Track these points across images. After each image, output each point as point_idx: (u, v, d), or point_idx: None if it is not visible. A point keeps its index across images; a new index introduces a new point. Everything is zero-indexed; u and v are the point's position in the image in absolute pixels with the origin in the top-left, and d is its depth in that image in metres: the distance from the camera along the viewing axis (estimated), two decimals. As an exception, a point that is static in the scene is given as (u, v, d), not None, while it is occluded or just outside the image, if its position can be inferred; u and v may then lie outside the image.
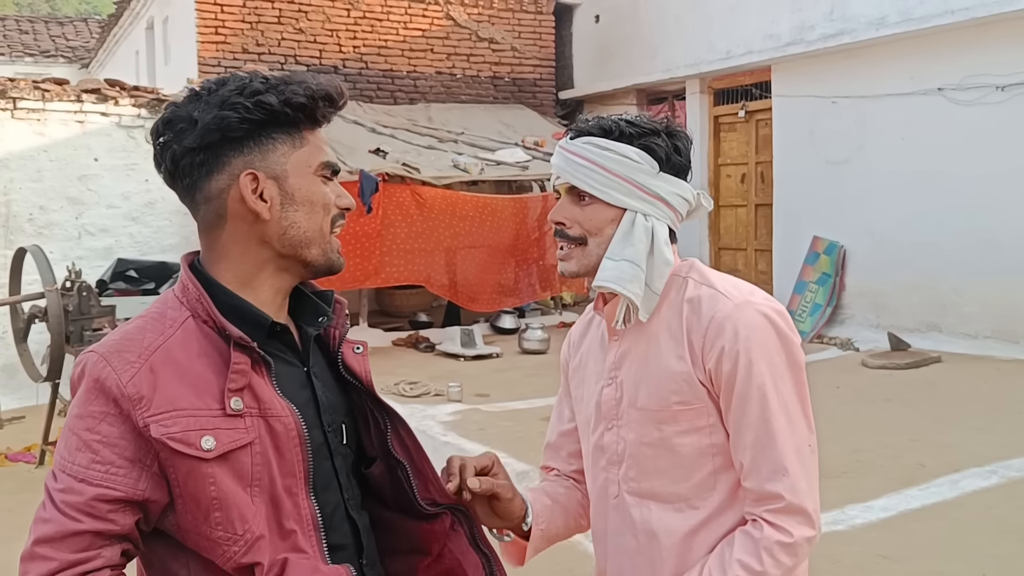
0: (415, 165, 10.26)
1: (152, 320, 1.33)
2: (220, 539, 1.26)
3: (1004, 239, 8.74)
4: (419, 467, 1.46)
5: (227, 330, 1.30)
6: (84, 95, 9.08)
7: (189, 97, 1.35)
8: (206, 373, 1.29)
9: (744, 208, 11.80)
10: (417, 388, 7.69)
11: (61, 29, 21.63)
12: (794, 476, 1.49)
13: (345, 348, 1.47)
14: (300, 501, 1.33)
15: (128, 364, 1.25)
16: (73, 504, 1.21)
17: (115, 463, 1.23)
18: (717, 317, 1.52)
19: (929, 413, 6.59)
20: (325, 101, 1.36)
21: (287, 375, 1.37)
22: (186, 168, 1.34)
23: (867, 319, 10.03)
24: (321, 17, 12.12)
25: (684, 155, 1.62)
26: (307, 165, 1.36)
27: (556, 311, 12.00)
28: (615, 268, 1.57)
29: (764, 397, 1.50)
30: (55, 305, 6.03)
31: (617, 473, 1.65)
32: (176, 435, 1.23)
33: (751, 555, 1.49)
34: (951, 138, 9.18)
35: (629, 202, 1.58)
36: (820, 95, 10.50)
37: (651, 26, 12.79)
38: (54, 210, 8.94)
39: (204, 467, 1.25)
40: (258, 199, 1.33)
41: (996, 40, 8.72)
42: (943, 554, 4.15)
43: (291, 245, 1.36)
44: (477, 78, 13.30)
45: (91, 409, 1.25)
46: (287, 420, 1.32)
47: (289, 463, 1.32)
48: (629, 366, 1.63)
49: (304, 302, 1.47)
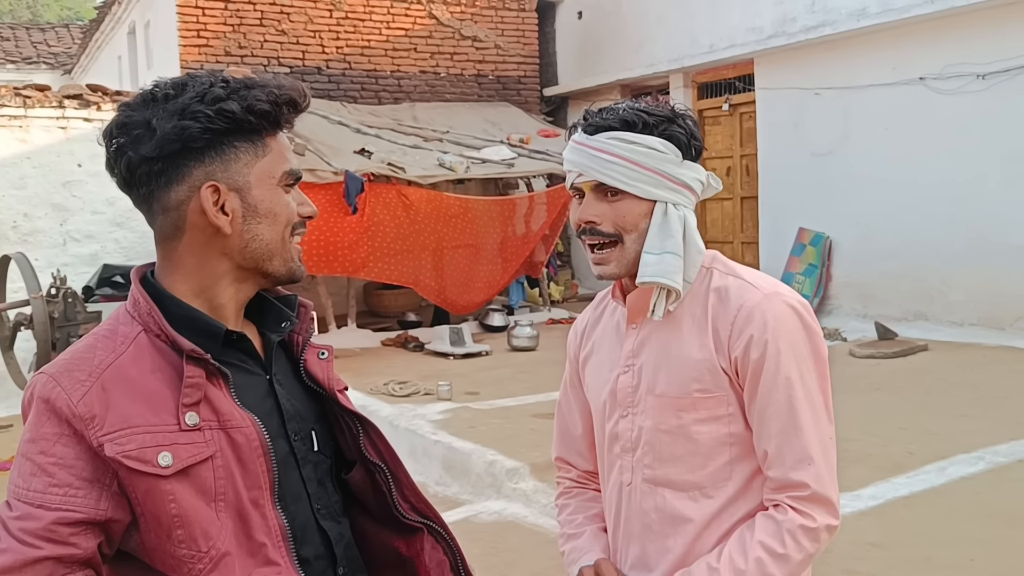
0: (401, 165, 10.25)
1: (103, 337, 1.28)
2: (184, 557, 1.23)
3: (988, 227, 8.78)
4: (395, 472, 1.43)
5: (178, 343, 1.26)
6: (66, 101, 9.05)
7: (144, 99, 1.29)
8: (161, 388, 1.25)
9: (730, 201, 11.83)
10: (407, 387, 7.68)
11: (43, 35, 21.51)
12: (819, 465, 1.51)
13: (309, 354, 1.43)
14: (267, 513, 1.30)
15: (78, 383, 1.21)
16: (31, 531, 1.16)
17: (73, 484, 1.19)
18: (746, 306, 1.53)
19: (917, 401, 6.63)
20: (289, 106, 1.31)
21: (247, 384, 1.33)
22: (143, 177, 1.29)
23: (854, 309, 10.07)
24: (303, 19, 12.09)
25: (699, 138, 1.61)
26: (270, 175, 1.32)
27: (545, 308, 12.00)
28: (659, 262, 1.55)
29: (791, 387, 1.51)
30: (41, 312, 6.01)
31: (631, 460, 1.66)
32: (131, 453, 1.20)
33: (773, 537, 1.49)
34: (934, 127, 9.22)
35: (660, 193, 1.56)
36: (803, 87, 10.53)
37: (634, 21, 12.80)
38: (38, 217, 8.91)
39: (163, 484, 1.21)
40: (219, 212, 1.29)
41: (975, 29, 8.76)
42: (932, 540, 4.18)
43: (252, 258, 1.32)
44: (461, 76, 13.29)
45: (44, 431, 1.20)
46: (248, 431, 1.28)
47: (253, 475, 1.29)
48: (648, 354, 1.63)
49: (267, 308, 1.42)
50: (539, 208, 11.61)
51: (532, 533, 4.70)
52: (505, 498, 5.16)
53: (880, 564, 3.95)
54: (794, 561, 1.49)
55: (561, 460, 1.94)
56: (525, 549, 4.44)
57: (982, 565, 3.91)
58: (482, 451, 5.62)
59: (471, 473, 5.47)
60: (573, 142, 1.62)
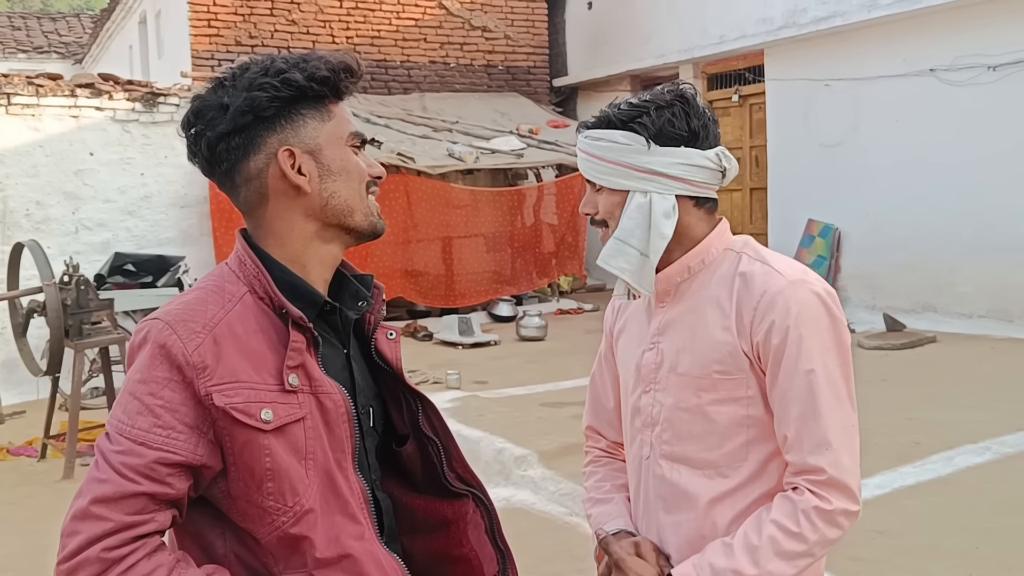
0: (410, 155, 10.28)
1: (212, 292, 1.35)
2: (270, 508, 1.29)
3: (997, 219, 8.77)
4: (447, 446, 1.50)
5: (287, 309, 1.33)
6: (78, 90, 9.10)
7: (213, 87, 1.38)
8: (262, 349, 1.32)
9: (739, 192, 11.83)
10: (416, 376, 7.72)
11: (54, 25, 21.60)
12: (837, 451, 1.53)
13: (379, 333, 1.50)
14: (350, 475, 1.37)
15: (194, 334, 1.28)
16: (132, 466, 1.22)
17: (176, 428, 1.25)
18: (770, 292, 1.56)
19: (924, 392, 6.64)
20: (346, 73, 1.40)
21: (330, 356, 1.41)
22: (222, 153, 1.37)
23: (863, 300, 10.07)
24: (314, 8, 12.12)
25: (679, 125, 1.62)
26: (338, 136, 1.40)
27: (553, 298, 12.02)
28: (609, 247, 1.66)
29: (812, 372, 1.53)
30: (53, 299, 6.05)
31: (651, 435, 1.70)
32: (238, 405, 1.27)
33: (788, 517, 1.52)
34: (944, 119, 9.21)
35: (627, 183, 1.64)
36: (813, 78, 10.51)
37: (644, 12, 12.79)
38: (51, 205, 8.97)
39: (261, 438, 1.28)
40: (297, 173, 1.37)
41: (986, 20, 8.73)
42: (937, 529, 4.20)
43: (335, 214, 1.40)
44: (471, 67, 13.30)
45: (155, 374, 1.27)
46: (336, 398, 1.36)
47: (338, 439, 1.36)
48: (673, 333, 1.68)
49: (345, 286, 1.49)
50: (548, 198, 11.63)
51: (540, 519, 4.74)
52: (514, 485, 5.20)
53: (886, 551, 3.97)
54: (810, 541, 1.51)
55: (591, 429, 1.99)
56: (533, 535, 4.47)
57: (987, 553, 3.93)
58: (491, 439, 5.66)
59: (480, 460, 5.51)
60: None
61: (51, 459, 6.34)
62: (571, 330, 9.82)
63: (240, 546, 1.33)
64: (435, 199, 10.58)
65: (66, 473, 5.85)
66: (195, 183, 9.63)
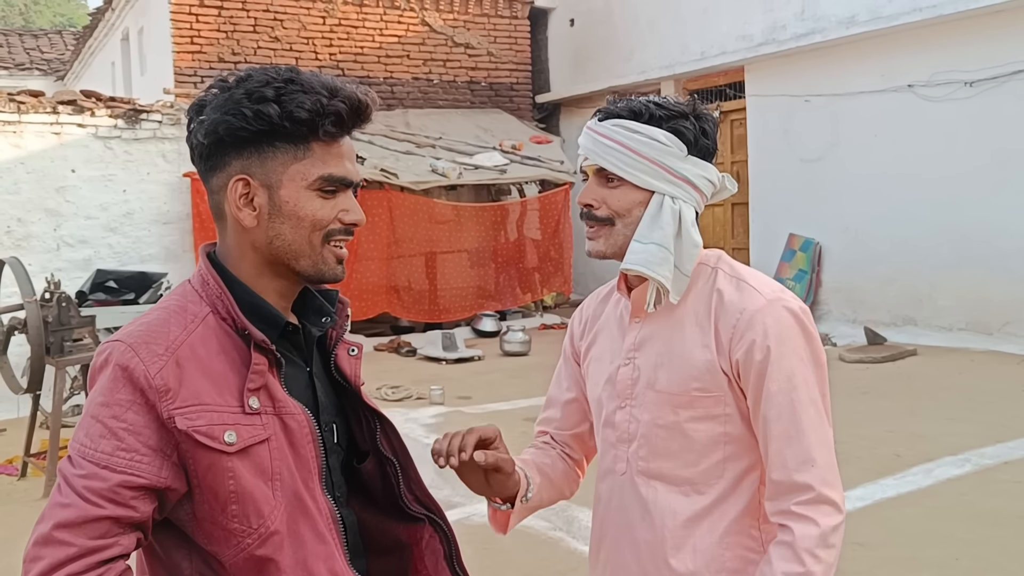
0: (393, 171, 10.30)
1: (175, 313, 1.33)
2: (235, 531, 1.29)
3: (976, 232, 8.87)
4: (404, 467, 1.48)
5: (249, 331, 1.32)
6: (60, 106, 9.07)
7: (218, 86, 1.35)
8: (225, 370, 1.31)
9: (721, 207, 11.90)
10: (399, 392, 7.72)
11: (36, 41, 21.50)
12: (822, 467, 1.53)
13: (340, 349, 1.48)
14: (317, 496, 1.36)
15: (156, 356, 1.26)
16: (95, 490, 1.20)
17: (139, 451, 1.23)
18: (748, 310, 1.56)
19: (905, 405, 6.69)
20: (331, 118, 1.32)
21: (293, 375, 1.39)
22: (197, 159, 1.37)
23: (844, 314, 10.15)
24: (296, 25, 12.14)
25: (711, 138, 1.63)
26: (303, 178, 1.33)
27: (537, 313, 12.05)
28: (643, 251, 1.59)
29: (794, 390, 1.53)
30: (35, 317, 6.02)
31: (627, 451, 1.68)
32: (201, 428, 1.26)
33: (792, 561, 1.49)
34: (922, 134, 9.32)
35: (658, 185, 1.60)
36: (793, 94, 10.62)
37: (625, 29, 12.89)
38: (32, 222, 8.93)
39: (225, 460, 1.27)
40: (245, 206, 1.33)
41: (963, 37, 8.86)
42: (918, 541, 4.23)
43: (277, 255, 1.36)
44: (454, 83, 13.35)
45: (117, 397, 1.25)
46: (299, 418, 1.35)
47: (304, 459, 1.35)
48: (650, 349, 1.65)
49: (309, 301, 1.47)
50: (531, 214, 11.67)
51: (523, 535, 4.74)
52: (497, 500, 5.19)
53: (866, 563, 4.00)
54: (820, 572, 1.50)
55: (541, 432, 1.96)
56: (517, 550, 4.47)
57: (967, 564, 3.96)
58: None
59: (463, 476, 5.50)
60: (585, 127, 1.67)
61: (32, 477, 6.29)
62: (555, 345, 9.79)
63: (206, 568, 1.32)
64: (418, 215, 10.61)
65: (47, 492, 5.80)
66: (177, 200, 9.61)
